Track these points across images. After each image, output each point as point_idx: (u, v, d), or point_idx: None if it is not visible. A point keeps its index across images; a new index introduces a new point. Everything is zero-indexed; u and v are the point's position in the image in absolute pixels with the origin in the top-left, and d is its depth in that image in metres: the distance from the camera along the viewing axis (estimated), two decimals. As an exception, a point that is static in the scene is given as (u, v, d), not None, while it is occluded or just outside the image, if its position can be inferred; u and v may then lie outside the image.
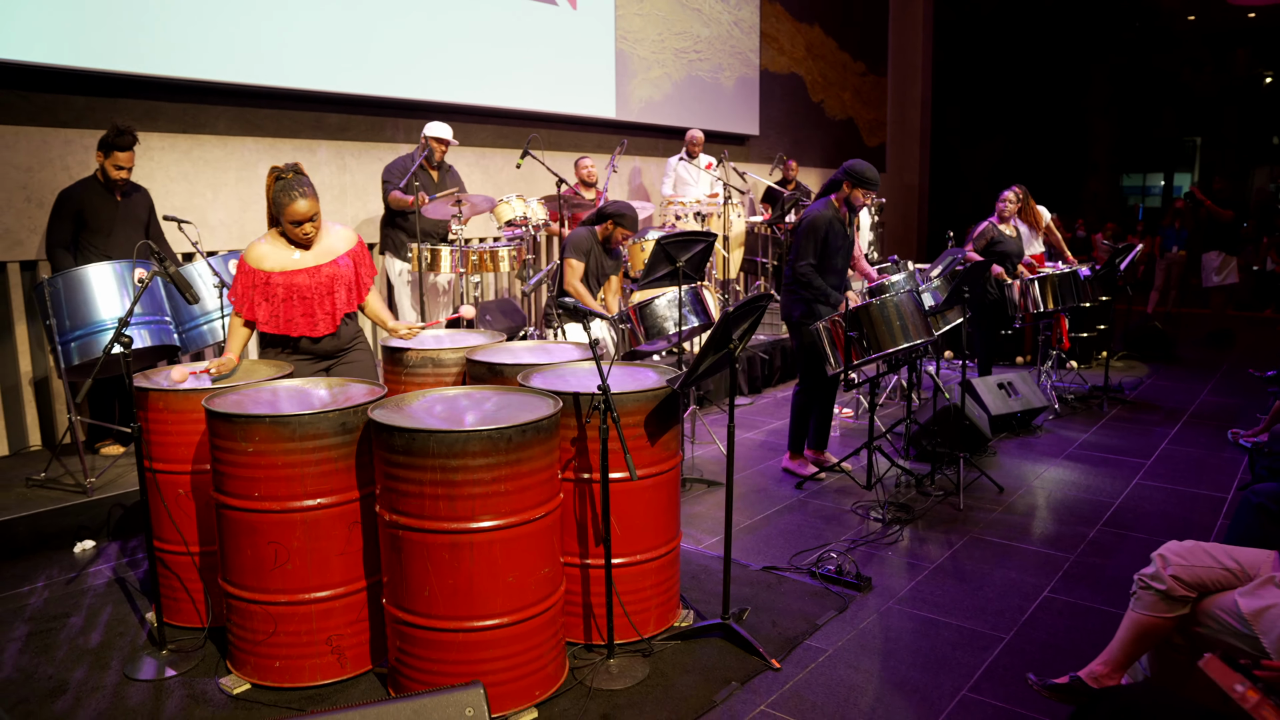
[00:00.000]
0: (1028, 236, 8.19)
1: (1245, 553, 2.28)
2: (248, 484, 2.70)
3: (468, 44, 6.67)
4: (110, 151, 4.40)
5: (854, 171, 4.50)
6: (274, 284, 3.26)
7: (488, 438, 2.48)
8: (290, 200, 3.19)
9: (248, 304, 3.27)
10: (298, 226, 3.23)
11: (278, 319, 3.28)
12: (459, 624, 2.56)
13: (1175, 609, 2.28)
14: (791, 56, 10.69)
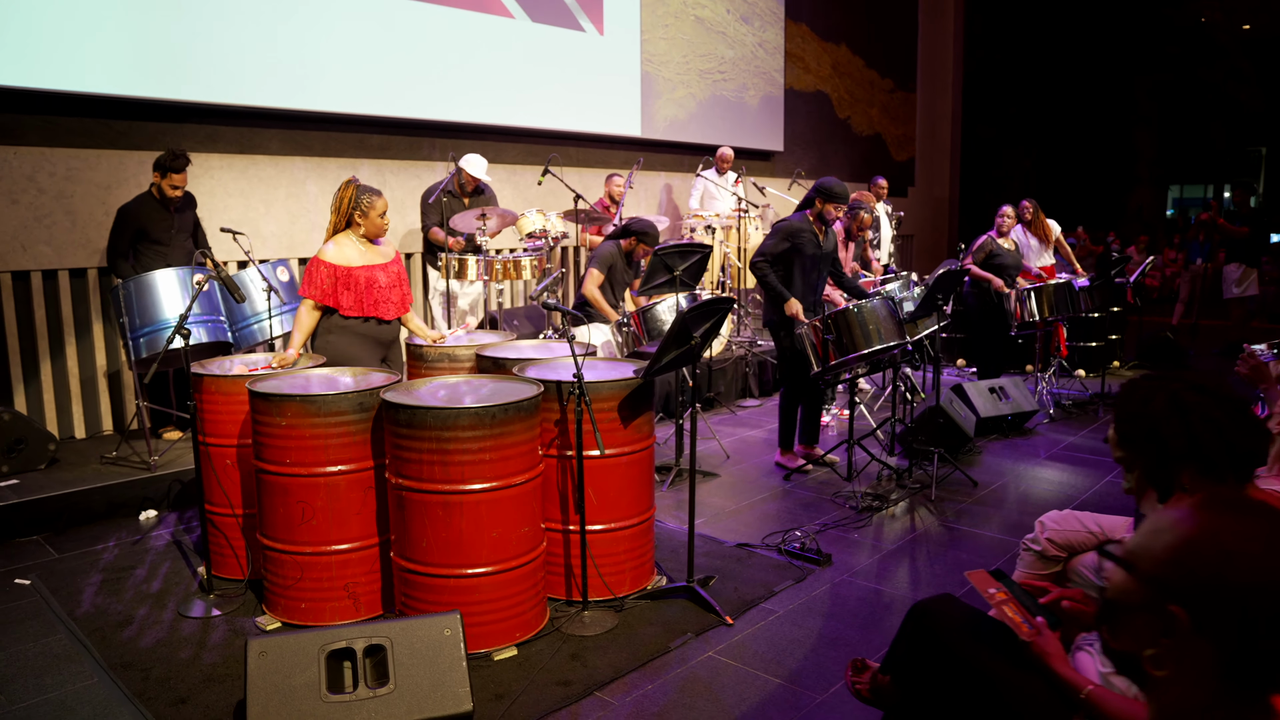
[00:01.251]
0: (1038, 249, 8.48)
1: (1108, 519, 2.65)
2: (281, 452, 3.23)
3: (500, 69, 7.22)
4: (166, 173, 5.02)
5: (823, 188, 4.91)
6: (355, 276, 3.86)
7: (475, 414, 2.97)
8: (375, 196, 3.89)
9: (331, 295, 3.84)
10: (383, 218, 3.92)
11: (362, 304, 3.90)
12: (451, 570, 3.05)
13: (1049, 567, 2.66)
14: (817, 75, 11.08)
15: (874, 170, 12.10)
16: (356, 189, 3.86)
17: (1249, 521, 0.99)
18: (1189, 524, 1.02)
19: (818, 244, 5.06)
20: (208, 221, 5.70)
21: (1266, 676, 0.98)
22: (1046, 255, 8.25)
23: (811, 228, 5.01)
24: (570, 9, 7.74)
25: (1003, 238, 7.47)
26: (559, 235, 6.29)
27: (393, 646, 2.52)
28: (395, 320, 4.06)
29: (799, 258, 5.01)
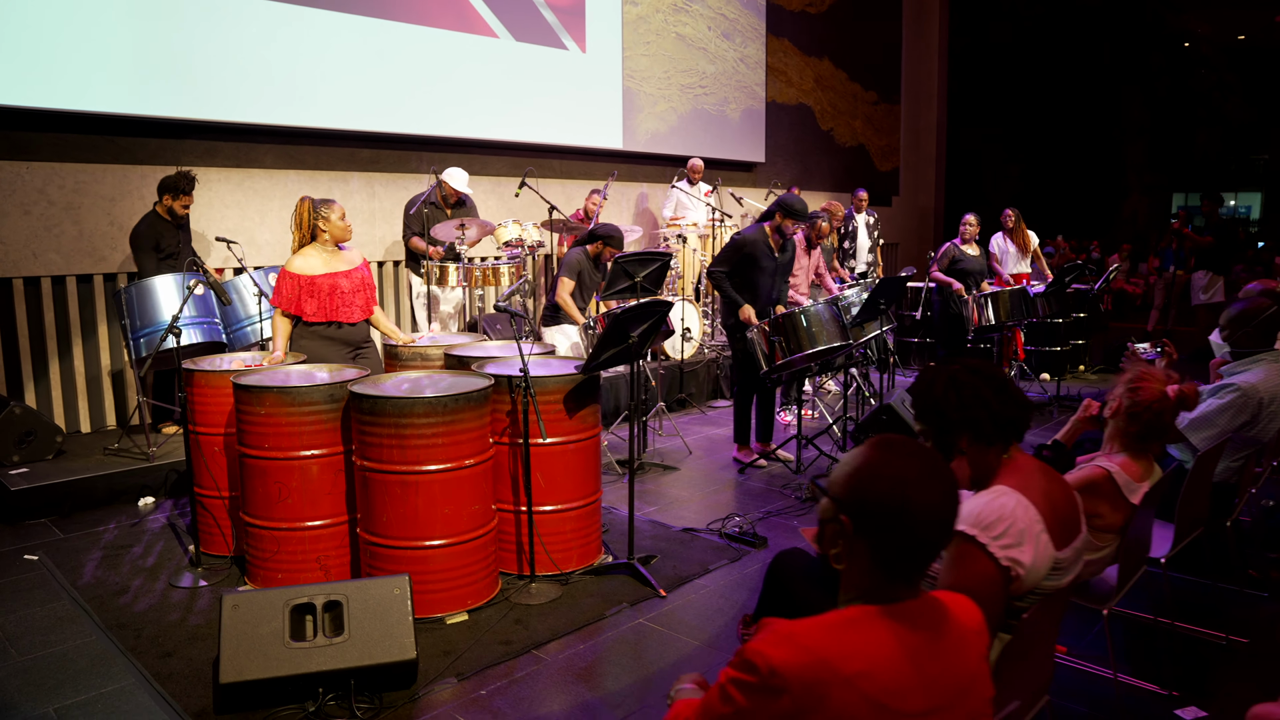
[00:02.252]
0: (1016, 256, 8.86)
1: None
2: (260, 438, 3.62)
3: (485, 86, 7.63)
4: (178, 195, 5.44)
5: (784, 204, 5.28)
6: (318, 284, 4.24)
7: (429, 403, 3.36)
8: (330, 204, 4.28)
9: (295, 303, 4.22)
10: (343, 220, 4.30)
11: (324, 309, 4.26)
12: (408, 543, 3.43)
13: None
14: (800, 88, 11.47)
15: (857, 180, 12.47)
16: (311, 203, 4.25)
17: (899, 458, 1.36)
18: (860, 458, 1.39)
19: (772, 255, 5.42)
20: (208, 230, 6.12)
21: (904, 567, 1.35)
22: (1024, 263, 8.61)
23: (767, 240, 5.37)
24: (553, 28, 8.14)
25: (966, 244, 7.83)
26: (535, 244, 6.68)
27: (348, 602, 2.90)
28: (363, 322, 4.42)
29: (754, 268, 5.37)
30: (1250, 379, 3.42)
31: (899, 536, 1.32)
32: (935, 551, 1.35)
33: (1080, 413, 2.95)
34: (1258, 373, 3.45)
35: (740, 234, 5.44)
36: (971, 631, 1.39)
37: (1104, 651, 3.27)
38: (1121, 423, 2.70)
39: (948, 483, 1.35)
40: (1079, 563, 1.94)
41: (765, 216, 5.42)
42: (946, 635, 1.35)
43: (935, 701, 1.29)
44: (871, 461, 1.37)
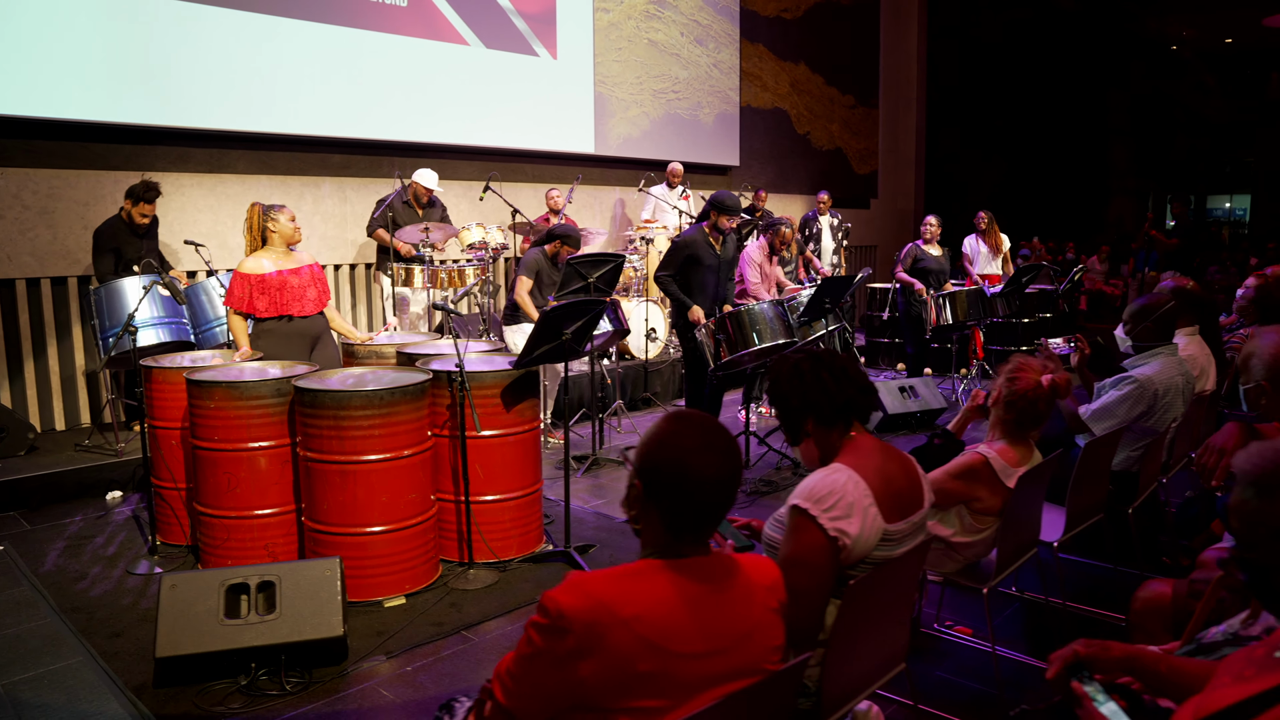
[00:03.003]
0: (988, 257, 9.04)
1: None
2: (210, 430, 3.80)
3: (456, 92, 7.82)
4: (138, 202, 5.62)
5: (715, 200, 5.47)
6: (268, 281, 4.42)
7: (365, 396, 3.54)
8: (279, 209, 4.48)
9: (246, 302, 4.40)
10: (293, 223, 4.50)
11: (275, 304, 4.45)
12: (347, 529, 3.61)
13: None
14: (775, 93, 11.65)
15: (834, 184, 12.66)
16: (261, 208, 4.45)
17: (683, 430, 1.54)
18: (653, 430, 1.57)
19: (714, 253, 5.60)
20: (179, 234, 6.30)
21: (688, 527, 1.53)
22: (995, 264, 8.80)
23: (707, 238, 5.55)
24: (524, 35, 8.33)
25: (928, 244, 8.01)
26: (499, 247, 6.86)
27: (281, 583, 3.08)
28: (318, 315, 4.59)
29: (697, 267, 5.55)
30: (1147, 371, 3.60)
31: (680, 500, 1.50)
32: (716, 514, 1.53)
33: (969, 402, 3.13)
34: (1155, 365, 3.63)
35: (680, 235, 5.63)
36: (761, 587, 1.57)
37: (1012, 635, 3.45)
38: (1000, 411, 2.88)
39: (725, 454, 1.53)
40: (917, 536, 2.11)
41: (702, 217, 5.59)
42: (730, 588, 1.53)
43: (712, 645, 1.47)
44: (660, 432, 1.55)
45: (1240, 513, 1.38)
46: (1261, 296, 5.90)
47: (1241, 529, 1.38)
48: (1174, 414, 3.63)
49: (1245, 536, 1.38)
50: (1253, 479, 1.36)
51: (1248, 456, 1.38)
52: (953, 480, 2.81)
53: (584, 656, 1.39)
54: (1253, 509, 1.36)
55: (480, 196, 6.93)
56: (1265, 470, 1.34)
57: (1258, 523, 1.35)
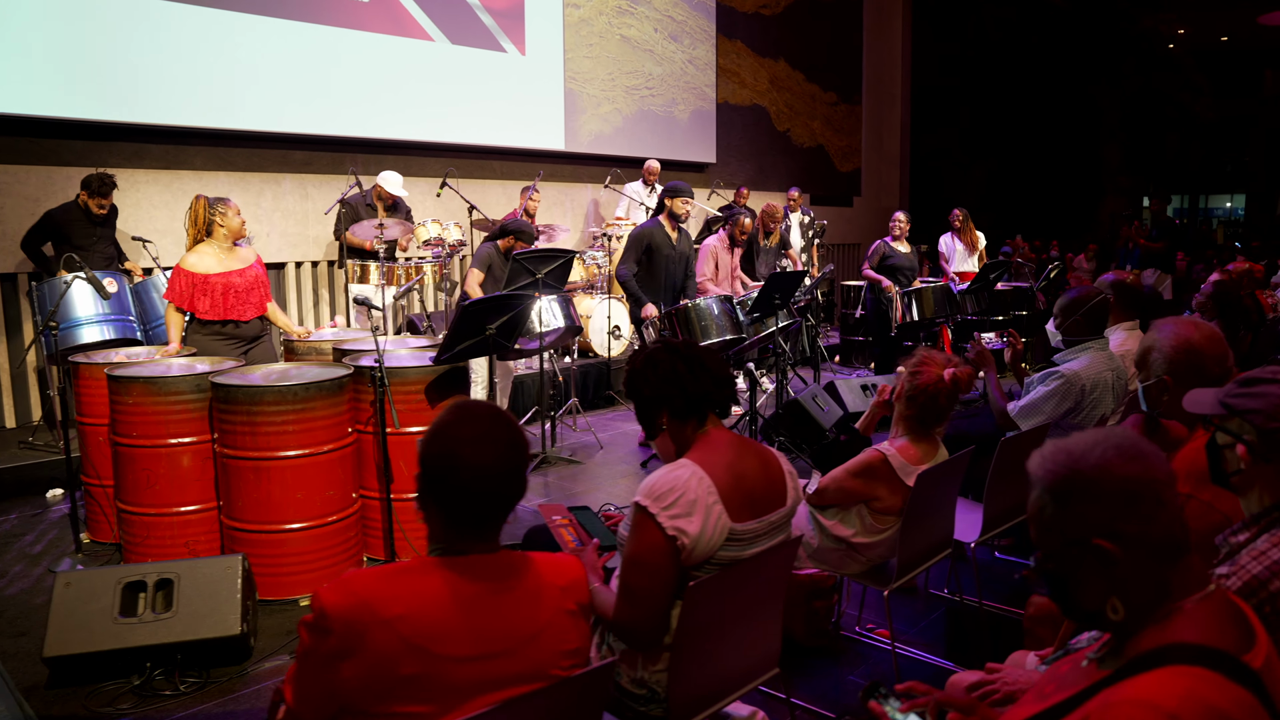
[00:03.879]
0: (963, 254, 8.99)
1: None
2: (129, 426, 3.75)
3: (422, 88, 7.77)
4: (93, 195, 5.60)
5: (668, 188, 5.43)
6: (212, 283, 4.37)
7: (279, 391, 3.49)
8: (226, 202, 4.44)
9: (187, 300, 4.36)
10: (239, 217, 4.47)
11: (218, 308, 4.39)
12: (263, 526, 3.56)
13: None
14: (754, 89, 11.58)
15: (816, 181, 12.60)
16: (207, 201, 4.40)
17: (459, 421, 1.48)
18: (432, 421, 1.51)
19: (671, 244, 5.56)
20: (135, 230, 6.25)
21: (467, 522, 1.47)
22: (971, 262, 8.73)
23: (664, 229, 5.51)
24: (491, 31, 8.28)
25: (897, 241, 7.94)
26: (456, 244, 6.81)
27: (179, 580, 3.03)
28: (256, 319, 4.57)
29: (656, 258, 5.51)
30: (1075, 367, 3.53)
31: (452, 494, 1.45)
32: (494, 508, 1.47)
33: (876, 398, 3.06)
34: (1083, 360, 3.56)
35: (638, 228, 5.58)
36: (555, 587, 1.51)
37: (932, 638, 3.39)
38: (902, 406, 2.81)
39: (502, 445, 1.47)
40: (775, 535, 2.03)
41: (659, 209, 5.55)
42: (515, 588, 1.47)
43: (485, 648, 1.40)
44: (436, 423, 1.50)
45: (1037, 520, 1.31)
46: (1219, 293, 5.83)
47: (1039, 537, 1.31)
48: (1103, 410, 3.56)
49: (1043, 545, 1.30)
50: (1047, 484, 1.28)
51: (1041, 459, 1.30)
52: (851, 478, 2.74)
53: (345, 657, 1.33)
54: (1049, 516, 1.28)
55: (437, 193, 6.87)
56: (1059, 475, 1.26)
57: (1053, 530, 1.28)
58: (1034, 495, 1.30)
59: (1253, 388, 1.67)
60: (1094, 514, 1.23)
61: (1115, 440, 1.26)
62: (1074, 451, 1.26)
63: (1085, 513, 1.24)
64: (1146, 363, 2.44)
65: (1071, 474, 1.25)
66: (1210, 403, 1.73)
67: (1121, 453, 1.24)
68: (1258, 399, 1.64)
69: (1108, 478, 1.23)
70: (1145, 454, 1.25)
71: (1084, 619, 1.29)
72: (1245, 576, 1.56)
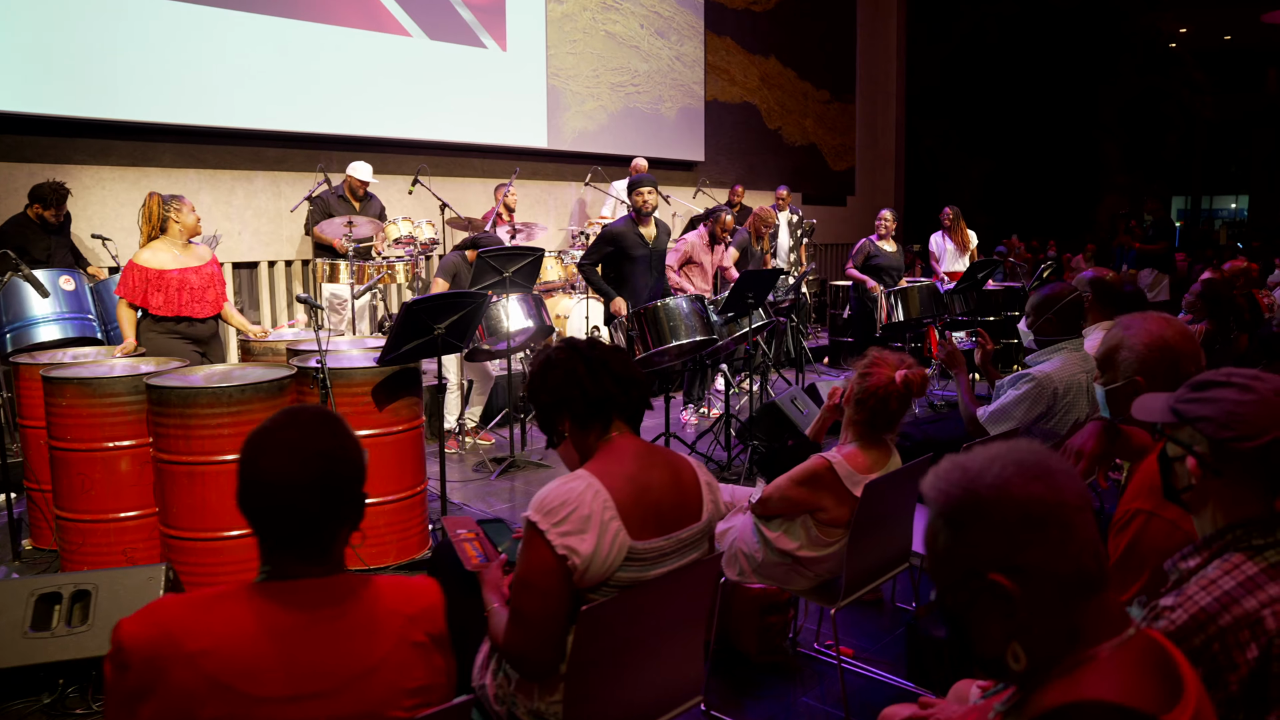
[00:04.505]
0: (954, 254, 8.84)
1: (736, 490, 2.96)
2: (64, 429, 3.61)
3: (399, 85, 7.63)
4: (47, 206, 5.49)
5: (629, 182, 5.30)
6: (167, 278, 4.25)
7: (213, 393, 3.34)
8: (180, 199, 4.32)
9: (141, 295, 4.23)
10: (194, 214, 4.36)
11: (173, 304, 4.28)
12: (198, 534, 3.41)
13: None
14: (744, 87, 11.43)
15: (808, 180, 12.44)
16: (161, 198, 4.28)
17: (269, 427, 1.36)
18: None
19: (644, 243, 5.41)
20: (99, 229, 6.11)
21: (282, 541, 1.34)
22: (961, 262, 8.57)
23: (635, 228, 5.37)
24: (470, 26, 8.14)
25: (882, 240, 7.79)
26: (428, 242, 6.67)
27: (97, 592, 2.88)
28: (212, 319, 4.44)
29: (625, 259, 5.37)
30: (1046, 369, 3.37)
31: (253, 507, 1.31)
32: (307, 526, 1.32)
33: (827, 401, 2.90)
34: (1055, 362, 3.40)
35: (608, 225, 5.44)
36: (401, 615, 1.35)
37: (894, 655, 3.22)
38: (851, 410, 2.64)
39: (312, 455, 1.32)
40: (687, 554, 1.86)
41: (630, 207, 5.42)
42: (345, 618, 1.31)
43: (304, 687, 1.25)
44: (251, 431, 1.36)
45: (931, 550, 1.14)
46: (1209, 292, 5.66)
47: (934, 569, 1.14)
48: (1077, 414, 3.40)
49: (938, 579, 1.13)
50: (940, 507, 1.11)
51: (935, 480, 1.13)
52: (795, 487, 2.57)
53: (143, 698, 1.19)
54: (942, 546, 1.11)
55: (409, 190, 6.73)
56: (953, 496, 1.10)
57: (947, 562, 1.11)
58: (929, 520, 1.14)
59: (1204, 392, 1.48)
60: (989, 543, 1.06)
61: (1017, 456, 1.09)
62: (970, 469, 1.10)
63: (980, 542, 1.07)
64: (1114, 363, 2.27)
65: (966, 495, 1.08)
66: (1161, 409, 1.54)
67: (1023, 470, 1.07)
68: (1209, 404, 1.45)
69: (1005, 500, 1.06)
70: (1052, 472, 1.08)
71: (983, 667, 1.13)
72: (1192, 609, 1.36)
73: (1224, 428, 1.41)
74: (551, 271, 7.40)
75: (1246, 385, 1.43)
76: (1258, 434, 1.38)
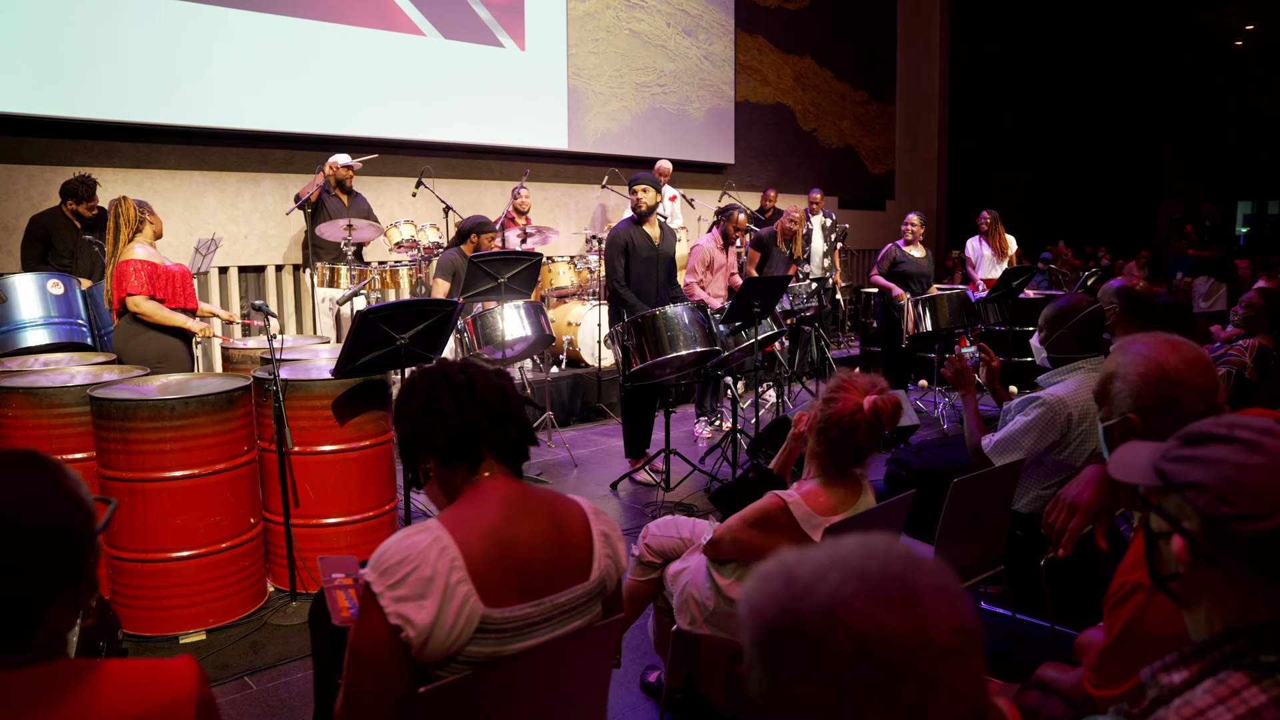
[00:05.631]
0: (991, 260, 8.42)
1: (698, 524, 2.65)
2: (10, 440, 3.44)
3: (412, 85, 7.46)
4: (80, 200, 5.45)
5: (629, 182, 5.04)
6: (169, 272, 4.13)
7: (153, 406, 3.15)
8: (151, 209, 4.18)
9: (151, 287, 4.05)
10: (161, 219, 4.26)
11: (178, 295, 4.17)
12: (140, 555, 3.22)
13: (648, 573, 2.66)
14: (777, 87, 11.08)
15: (844, 183, 12.05)
16: (135, 201, 4.12)
17: None
18: None
19: (651, 244, 5.15)
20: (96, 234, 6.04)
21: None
22: (999, 269, 8.14)
23: (638, 228, 5.11)
24: (487, 25, 7.94)
25: (910, 245, 7.39)
26: (431, 246, 6.47)
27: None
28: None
29: (634, 262, 5.11)
30: (1058, 391, 2.99)
31: None
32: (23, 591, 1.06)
33: (793, 428, 2.57)
34: (1069, 384, 3.02)
35: (612, 230, 5.18)
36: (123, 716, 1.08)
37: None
38: (813, 441, 2.30)
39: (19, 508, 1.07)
40: (565, 622, 1.56)
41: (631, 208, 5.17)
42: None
43: None
44: None
45: (748, 685, 0.81)
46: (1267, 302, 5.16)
47: (752, 711, 0.81)
48: (1094, 444, 3.01)
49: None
50: (752, 633, 0.79)
51: (751, 589, 0.80)
52: (747, 529, 2.24)
53: None
54: (755, 689, 0.79)
55: (413, 193, 6.55)
56: (769, 621, 0.77)
57: (765, 710, 0.78)
58: (745, 651, 0.81)
59: (1198, 448, 1.09)
60: (812, 698, 0.74)
61: (867, 564, 0.76)
62: (798, 578, 0.77)
63: (801, 696, 0.74)
64: (1108, 395, 1.87)
65: (786, 619, 0.76)
66: (1142, 467, 1.16)
67: (870, 588, 0.74)
68: (1203, 466, 1.06)
69: (839, 633, 0.73)
70: (915, 593, 0.74)
71: None
72: None
73: (1221, 501, 1.03)
74: (564, 277, 7.16)
75: (1255, 443, 1.05)
76: (1267, 513, 1.01)
